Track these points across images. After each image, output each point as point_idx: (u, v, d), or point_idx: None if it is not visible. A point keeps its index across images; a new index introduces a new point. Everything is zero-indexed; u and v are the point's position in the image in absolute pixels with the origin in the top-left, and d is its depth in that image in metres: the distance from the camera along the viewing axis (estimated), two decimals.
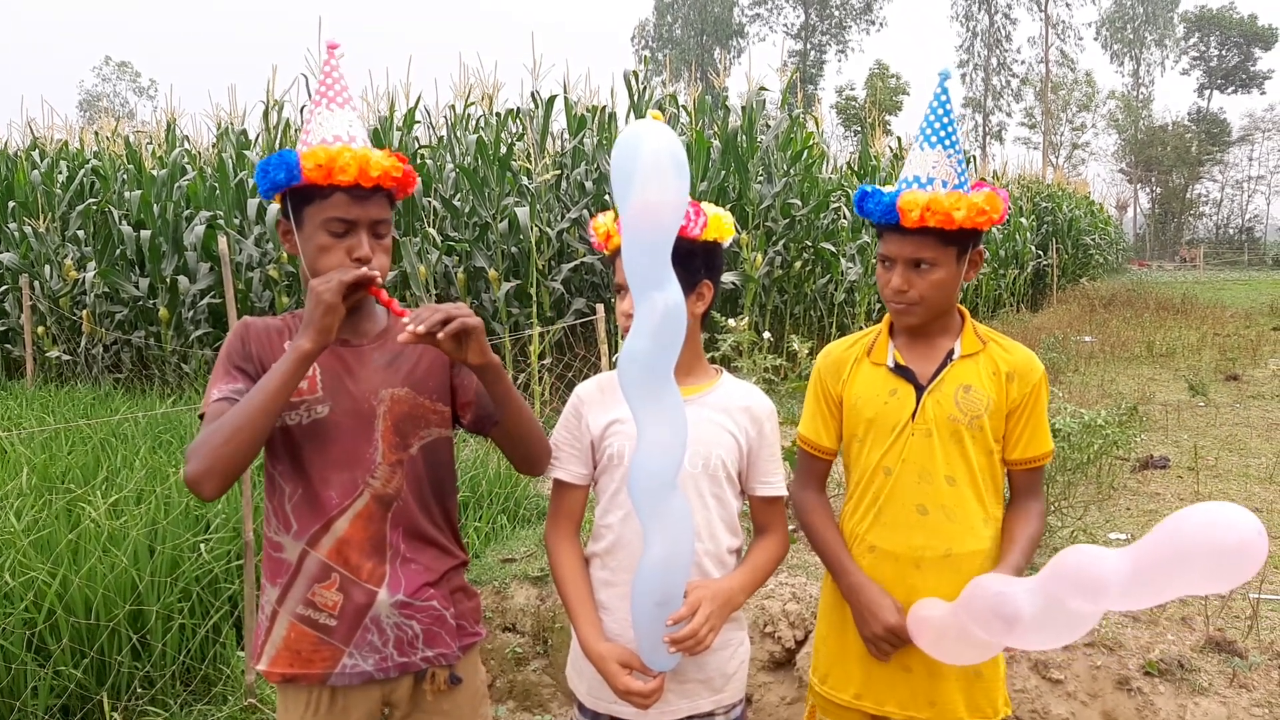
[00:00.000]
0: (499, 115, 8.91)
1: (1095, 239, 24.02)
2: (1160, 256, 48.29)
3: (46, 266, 9.74)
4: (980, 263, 1.91)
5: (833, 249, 9.98)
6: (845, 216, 10.41)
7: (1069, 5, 62.64)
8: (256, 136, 9.96)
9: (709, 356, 2.31)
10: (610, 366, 5.70)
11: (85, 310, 9.39)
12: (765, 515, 1.94)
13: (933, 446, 1.87)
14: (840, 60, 65.83)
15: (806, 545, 3.95)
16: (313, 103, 1.78)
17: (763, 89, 9.75)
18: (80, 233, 9.84)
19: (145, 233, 9.12)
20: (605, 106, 9.55)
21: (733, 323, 5.54)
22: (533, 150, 8.26)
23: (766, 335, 6.31)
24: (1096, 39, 57.43)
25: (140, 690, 3.24)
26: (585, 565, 1.91)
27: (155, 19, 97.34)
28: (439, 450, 1.83)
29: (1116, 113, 57.56)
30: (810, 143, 9.99)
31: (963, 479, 1.88)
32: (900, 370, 1.92)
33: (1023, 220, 17.31)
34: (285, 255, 8.40)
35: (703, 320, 1.91)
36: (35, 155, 10.71)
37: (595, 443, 1.89)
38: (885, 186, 1.88)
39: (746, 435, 1.88)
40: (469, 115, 9.37)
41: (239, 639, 3.51)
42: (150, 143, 11.07)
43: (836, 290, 10.38)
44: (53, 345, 9.61)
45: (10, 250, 10.07)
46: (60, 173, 10.41)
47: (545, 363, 7.77)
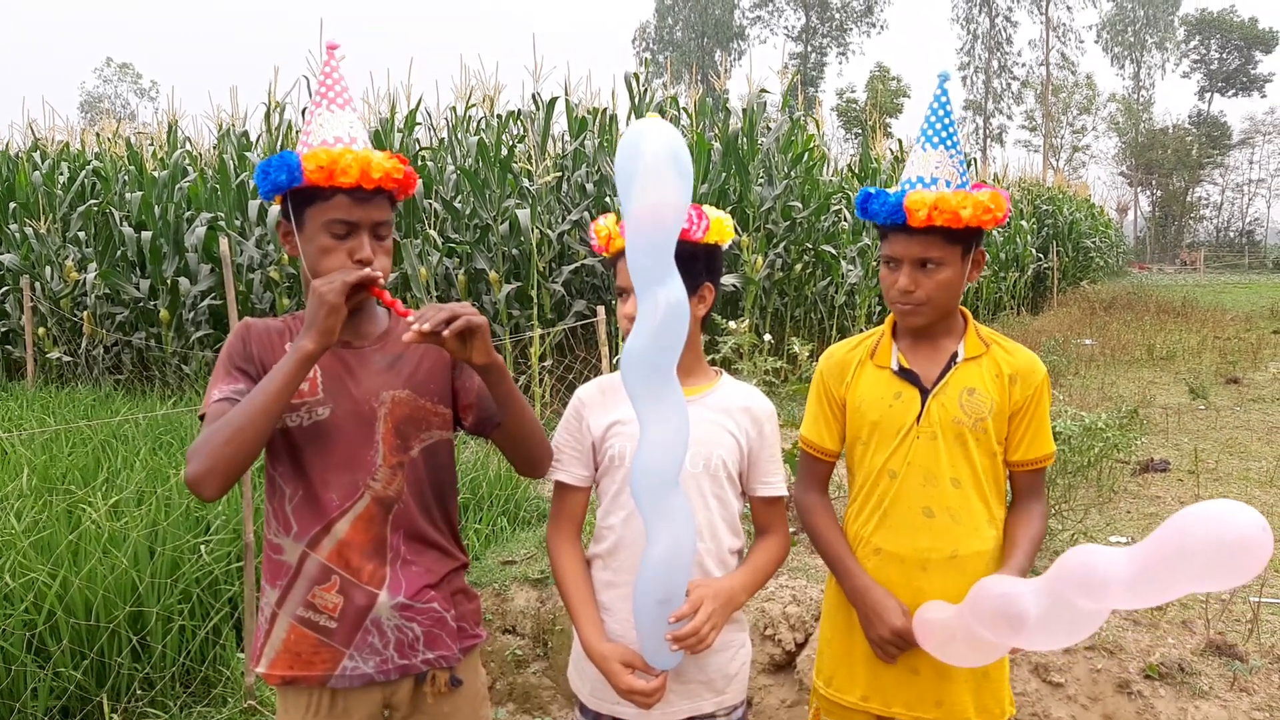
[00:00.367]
0: (500, 117, 8.91)
1: (1096, 242, 24.03)
2: (1161, 260, 48.30)
3: (47, 268, 9.75)
4: (983, 263, 1.91)
5: (833, 251, 9.98)
6: (846, 219, 10.41)
7: (1070, 8, 62.73)
8: (258, 138, 9.96)
9: (709, 359, 2.31)
10: (611, 369, 5.70)
11: (86, 311, 9.40)
12: (766, 516, 1.94)
13: (938, 449, 1.87)
14: (841, 63, 65.74)
15: (807, 548, 3.95)
16: (313, 104, 1.78)
17: (763, 91, 9.75)
18: (81, 234, 9.84)
19: (146, 234, 9.13)
20: (606, 109, 9.56)
21: (733, 325, 5.54)
22: (534, 152, 8.26)
23: (767, 338, 6.32)
24: (1097, 42, 57.53)
25: (140, 692, 3.24)
26: (587, 567, 1.91)
27: (157, 20, 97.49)
28: (440, 453, 1.83)
29: (1117, 116, 57.61)
30: (811, 145, 10.00)
31: (967, 481, 1.88)
32: (904, 373, 1.92)
33: (1023, 223, 17.32)
34: (286, 257, 8.41)
35: (703, 322, 1.92)
36: (36, 156, 10.72)
37: (596, 444, 1.90)
38: (886, 189, 1.89)
39: (747, 436, 1.89)
40: (470, 117, 9.37)
41: (239, 641, 3.51)
42: (151, 144, 11.09)
43: (837, 293, 10.38)
44: (53, 346, 9.62)
45: (11, 251, 10.08)
46: (61, 174, 10.42)
47: (546, 365, 7.78)
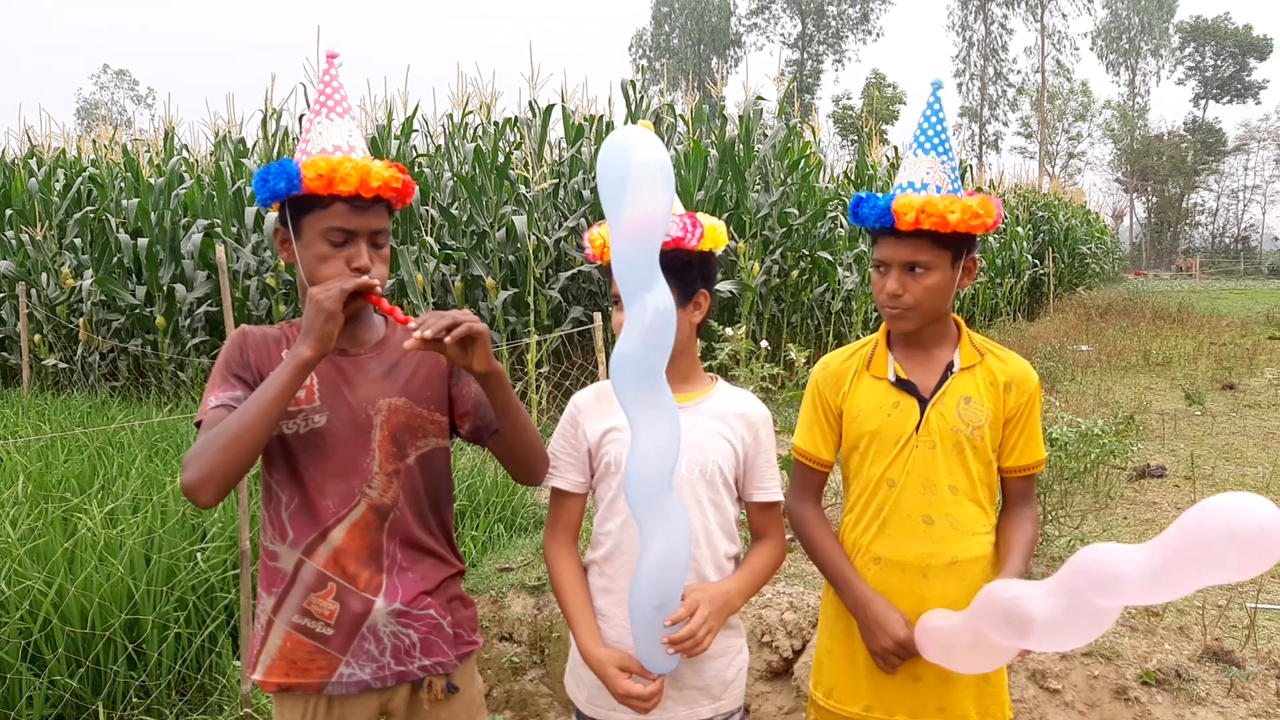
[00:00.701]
0: (497, 124, 8.91)
1: (1091, 248, 24.08)
2: (1156, 266, 48.46)
3: (43, 274, 9.73)
4: (974, 270, 1.92)
5: (830, 258, 9.99)
6: (842, 225, 10.43)
7: (1065, 15, 63.07)
8: (254, 145, 9.96)
9: (706, 365, 2.31)
10: (608, 375, 5.70)
11: (82, 318, 9.38)
12: (762, 521, 1.95)
13: (936, 458, 1.88)
14: (837, 70, 66.08)
15: (804, 554, 3.94)
16: (312, 112, 1.78)
17: (760, 98, 9.76)
18: (77, 240, 9.83)
19: (142, 241, 9.12)
20: (603, 116, 9.57)
21: (730, 331, 5.54)
22: (530, 159, 8.27)
23: (764, 344, 6.32)
24: (1092, 49, 57.75)
25: (136, 700, 3.23)
26: (584, 573, 1.92)
27: (154, 27, 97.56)
28: (436, 460, 1.83)
29: (1112, 122, 57.79)
30: (807, 152, 10.01)
31: (964, 488, 1.89)
32: (902, 383, 1.92)
33: (1019, 229, 17.35)
34: (282, 264, 8.40)
35: (699, 329, 1.92)
36: (33, 163, 10.71)
37: (593, 450, 1.90)
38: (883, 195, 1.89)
39: (743, 441, 1.89)
40: (467, 124, 9.38)
41: (235, 648, 3.50)
42: (148, 151, 11.08)
43: (833, 299, 10.38)
44: (49, 353, 9.60)
45: (7, 258, 10.06)
46: (58, 181, 10.41)
47: (543, 371, 7.78)
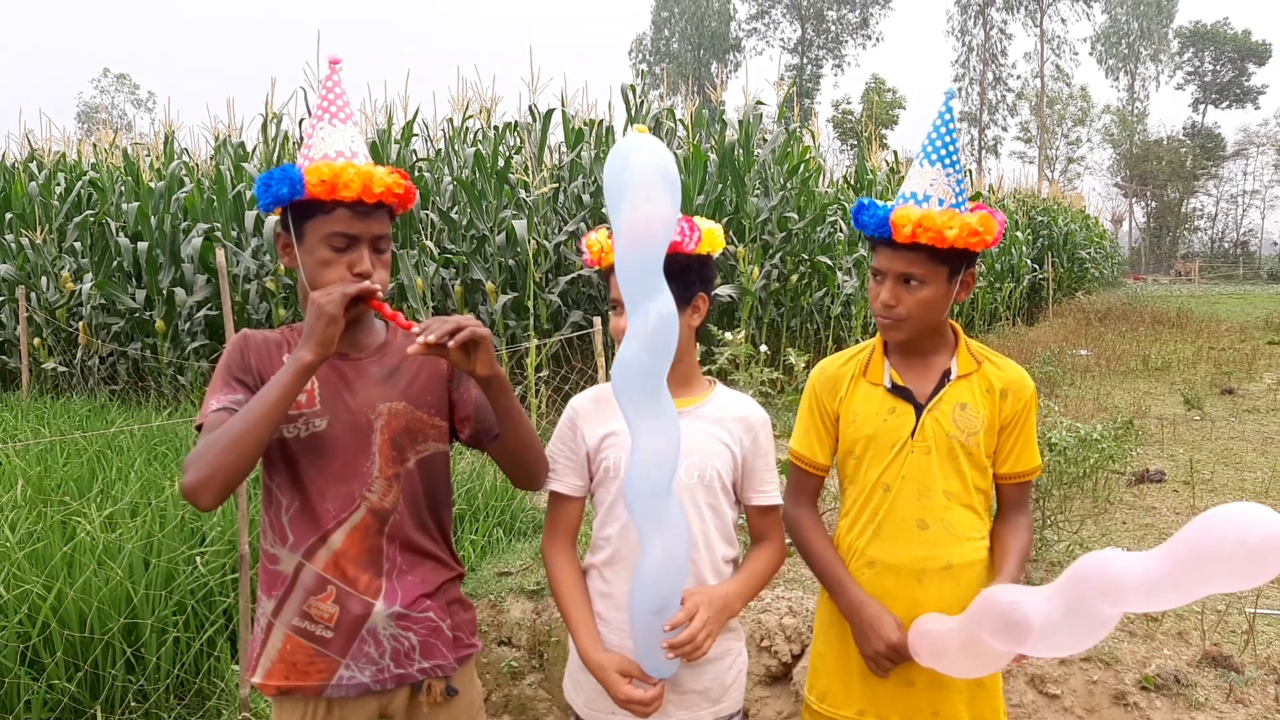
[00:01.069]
0: (497, 128, 8.92)
1: (1091, 253, 24.11)
2: (1155, 270, 48.49)
3: (43, 278, 9.74)
4: (972, 284, 1.92)
5: (829, 262, 10.00)
6: (842, 230, 10.44)
7: (1064, 20, 63.14)
8: (254, 149, 9.97)
9: (705, 369, 2.32)
10: (607, 379, 5.71)
11: (81, 322, 9.38)
12: (762, 525, 1.95)
13: (931, 463, 1.89)
14: (837, 75, 66.27)
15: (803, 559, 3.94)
16: (314, 117, 1.79)
17: (759, 103, 9.78)
18: (77, 244, 9.83)
19: (142, 245, 9.12)
20: (603, 120, 9.58)
21: (729, 336, 5.55)
22: (530, 163, 8.28)
23: (763, 348, 6.33)
24: (1092, 54, 57.82)
25: (134, 704, 3.23)
26: (583, 576, 1.92)
27: (154, 31, 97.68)
28: (435, 465, 1.84)
29: (1111, 127, 57.88)
30: (807, 156, 10.02)
31: (959, 493, 1.90)
32: (897, 390, 1.93)
33: (1018, 234, 17.37)
34: (282, 268, 8.41)
35: (698, 333, 1.93)
36: (33, 167, 10.72)
37: (591, 455, 1.90)
38: (882, 201, 1.89)
39: (741, 445, 1.90)
40: (467, 128, 9.39)
41: (233, 652, 3.50)
42: (148, 155, 11.09)
43: (833, 303, 10.39)
44: (49, 357, 9.60)
45: (7, 262, 10.07)
46: (58, 184, 10.42)
47: (542, 375, 7.78)
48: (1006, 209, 18.17)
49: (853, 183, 12.25)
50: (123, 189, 10.01)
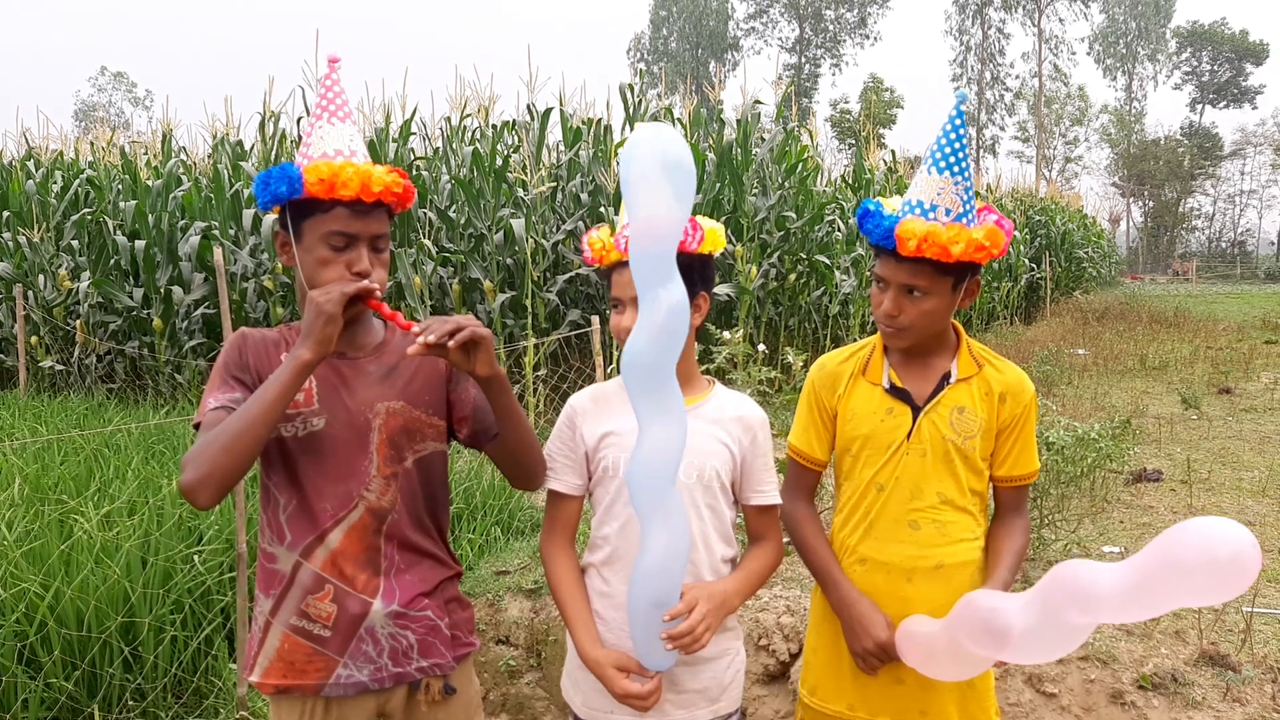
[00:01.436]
0: (495, 127, 8.92)
1: (1088, 252, 24.13)
2: (1153, 270, 48.52)
3: (40, 276, 9.72)
4: (976, 292, 1.90)
5: (827, 261, 10.00)
6: (840, 229, 10.44)
7: (1062, 20, 63.13)
8: (252, 147, 9.96)
9: (703, 369, 2.32)
10: (605, 378, 5.71)
11: (79, 320, 9.37)
12: (760, 524, 1.95)
13: (926, 465, 1.88)
14: (835, 74, 66.31)
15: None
16: (314, 116, 1.79)
17: (758, 102, 9.78)
18: (75, 243, 9.82)
19: (140, 243, 9.11)
20: (601, 119, 9.58)
21: (727, 335, 5.55)
22: (528, 162, 8.28)
23: (761, 347, 6.33)
24: (1089, 54, 57.86)
25: (131, 702, 3.23)
26: (581, 574, 1.92)
27: (152, 30, 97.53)
28: (433, 464, 1.84)
29: (1109, 127, 57.93)
30: (805, 155, 10.02)
31: (953, 495, 1.90)
32: (896, 391, 1.92)
33: (1016, 234, 17.39)
34: (280, 266, 8.40)
35: (698, 332, 1.93)
36: (30, 165, 10.70)
37: (590, 454, 1.90)
38: (887, 200, 1.87)
39: (740, 445, 1.90)
40: (465, 127, 9.38)
41: (231, 651, 3.50)
42: (146, 153, 11.07)
43: (831, 302, 10.39)
44: (46, 355, 9.58)
45: (4, 260, 10.05)
46: (55, 183, 10.40)
47: (540, 374, 7.78)
48: (1004, 208, 18.19)
49: (851, 182, 12.25)
50: (120, 187, 9.99)
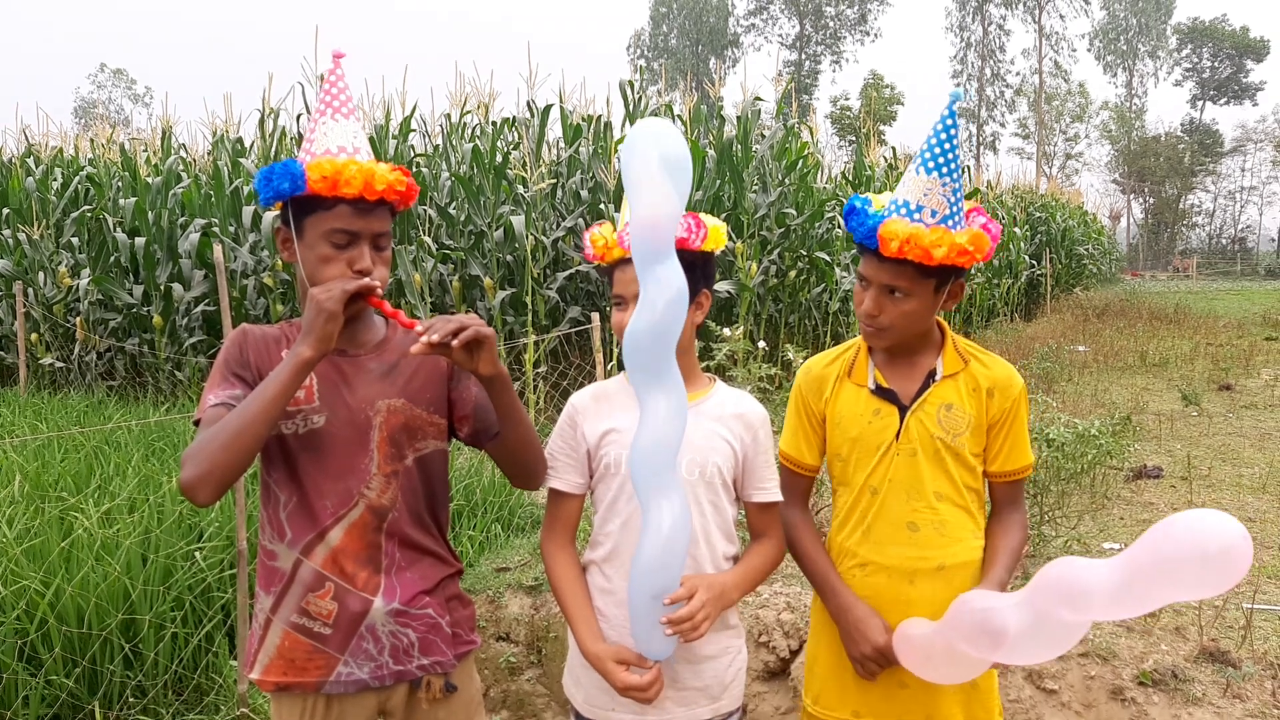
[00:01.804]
0: (495, 124, 8.91)
1: (1089, 249, 24.12)
2: (1153, 266, 48.52)
3: (40, 273, 9.72)
4: (960, 294, 1.88)
5: (827, 258, 10.00)
6: (840, 226, 10.42)
7: (1063, 17, 63.08)
8: (252, 144, 9.96)
9: (704, 366, 2.32)
10: (605, 375, 5.70)
11: (79, 317, 9.37)
12: (761, 521, 1.95)
13: (918, 465, 1.87)
14: (835, 70, 66.20)
15: None
16: (317, 112, 1.78)
17: (758, 99, 9.77)
18: (74, 240, 9.82)
19: (140, 240, 9.11)
20: (601, 116, 9.58)
21: (728, 332, 5.55)
22: (528, 159, 8.27)
23: (761, 344, 6.33)
24: (1090, 50, 57.83)
25: (132, 699, 3.23)
26: (582, 571, 1.92)
27: (152, 27, 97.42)
28: (434, 462, 1.84)
29: (1110, 123, 57.86)
30: (805, 152, 10.02)
31: (949, 494, 1.88)
32: (882, 392, 1.91)
33: (1016, 230, 17.38)
34: (280, 263, 8.39)
35: (698, 329, 1.93)
36: (30, 162, 10.70)
37: (591, 452, 1.90)
38: (877, 197, 1.84)
39: (741, 442, 1.89)
40: (465, 124, 9.38)
41: (232, 648, 3.50)
42: (145, 150, 11.07)
43: (831, 299, 10.39)
44: (46, 352, 9.58)
45: (4, 257, 10.05)
46: (55, 180, 10.40)
47: (540, 371, 7.78)
48: (1004, 205, 18.18)
49: (851, 179, 12.24)
50: (120, 184, 9.99)
